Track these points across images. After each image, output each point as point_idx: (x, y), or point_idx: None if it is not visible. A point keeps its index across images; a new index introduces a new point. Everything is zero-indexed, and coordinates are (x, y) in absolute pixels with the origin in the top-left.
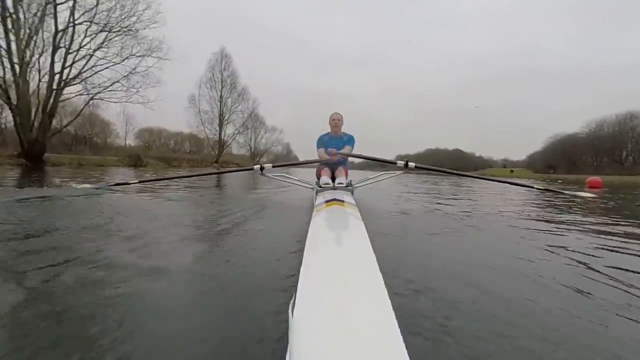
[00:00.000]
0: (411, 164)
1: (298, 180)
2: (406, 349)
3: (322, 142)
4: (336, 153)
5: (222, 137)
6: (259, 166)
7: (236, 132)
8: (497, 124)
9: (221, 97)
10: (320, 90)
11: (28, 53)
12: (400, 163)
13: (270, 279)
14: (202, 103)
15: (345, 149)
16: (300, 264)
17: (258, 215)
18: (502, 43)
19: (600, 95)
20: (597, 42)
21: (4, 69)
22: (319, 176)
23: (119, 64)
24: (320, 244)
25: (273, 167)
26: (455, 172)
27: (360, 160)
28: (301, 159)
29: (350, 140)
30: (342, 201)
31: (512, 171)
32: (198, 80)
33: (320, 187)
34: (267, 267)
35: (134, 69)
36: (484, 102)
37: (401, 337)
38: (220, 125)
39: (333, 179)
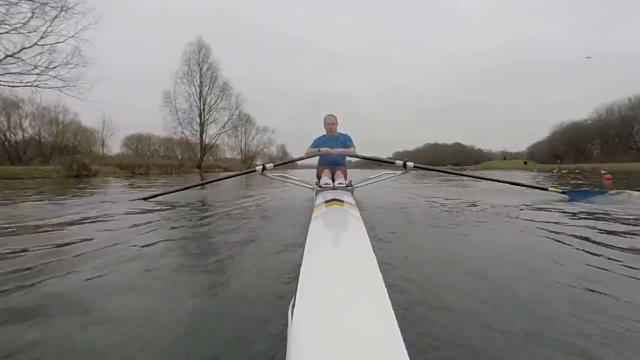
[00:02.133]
0: (409, 164)
1: (298, 180)
2: (406, 349)
3: (318, 143)
4: (340, 152)
5: (204, 139)
6: (260, 167)
7: (219, 132)
8: (495, 118)
9: (200, 93)
10: (320, 90)
11: None
12: (399, 163)
13: (269, 279)
14: (179, 101)
15: (349, 150)
16: (300, 264)
17: (258, 215)
18: (500, 38)
19: (598, 85)
20: (595, 32)
21: None
22: (319, 176)
23: None
24: (320, 244)
25: (275, 166)
26: (454, 172)
27: (359, 159)
28: (300, 161)
29: (347, 140)
30: (342, 201)
31: (525, 162)
32: (172, 75)
33: (320, 187)
34: (266, 267)
35: (41, 38)
36: (482, 97)
37: (401, 337)
38: (201, 125)
39: (333, 179)
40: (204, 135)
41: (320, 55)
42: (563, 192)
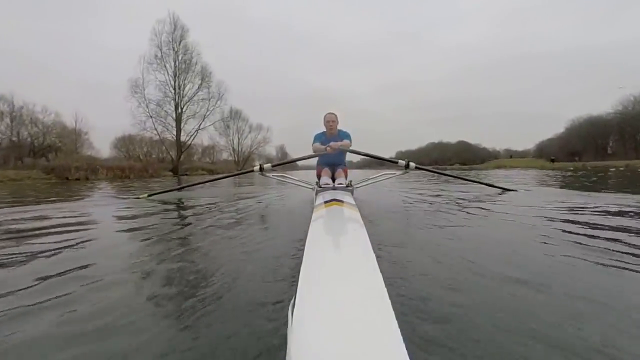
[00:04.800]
0: (412, 165)
1: (298, 181)
2: (406, 349)
3: (318, 139)
4: (338, 147)
5: (181, 136)
6: (258, 167)
7: (198, 126)
8: (496, 115)
9: (175, 81)
10: (322, 87)
11: None
12: (402, 163)
13: (269, 278)
14: (149, 90)
15: (344, 143)
16: (300, 264)
17: (258, 215)
18: (501, 32)
19: (606, 77)
20: (596, 24)
21: None
22: (319, 176)
23: None
24: (320, 244)
25: (272, 167)
26: (457, 176)
27: (359, 159)
28: (301, 162)
29: (347, 138)
30: (342, 201)
31: (553, 160)
32: (140, 58)
33: (320, 187)
34: (266, 267)
35: None
36: (483, 94)
37: (401, 338)
38: (177, 119)
39: (333, 179)
40: (181, 132)
41: (321, 53)
42: None
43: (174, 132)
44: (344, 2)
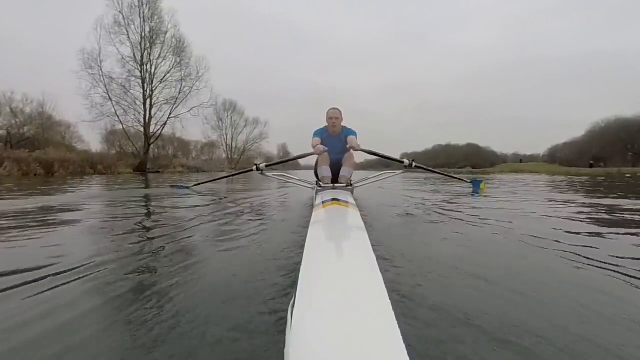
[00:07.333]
0: (414, 164)
1: (298, 180)
2: (406, 349)
3: (319, 135)
4: (356, 148)
5: (150, 125)
6: (255, 167)
7: (171, 111)
8: (503, 119)
9: (142, 56)
10: (324, 87)
11: None
12: (406, 162)
13: (268, 278)
14: (108, 65)
15: (350, 140)
16: (300, 264)
17: (256, 215)
18: (508, 36)
19: (610, 83)
20: (606, 32)
21: None
22: (316, 166)
23: None
24: (320, 244)
25: (266, 166)
26: (455, 176)
27: (364, 160)
28: (302, 160)
29: (351, 133)
30: (342, 201)
31: (592, 165)
32: (96, 23)
33: (321, 186)
34: (265, 267)
35: None
36: (489, 97)
37: (401, 338)
38: (145, 104)
39: (333, 178)
40: (151, 120)
41: (323, 52)
42: None
43: (142, 120)
44: (345, 1)
